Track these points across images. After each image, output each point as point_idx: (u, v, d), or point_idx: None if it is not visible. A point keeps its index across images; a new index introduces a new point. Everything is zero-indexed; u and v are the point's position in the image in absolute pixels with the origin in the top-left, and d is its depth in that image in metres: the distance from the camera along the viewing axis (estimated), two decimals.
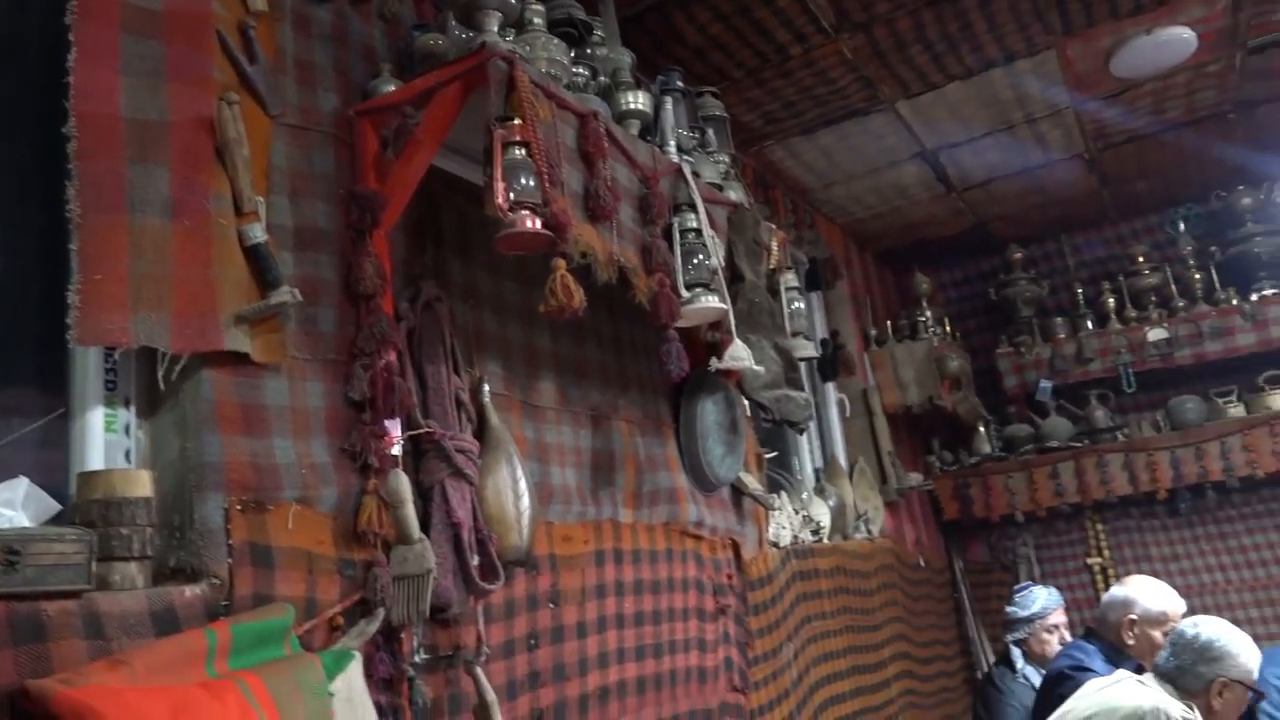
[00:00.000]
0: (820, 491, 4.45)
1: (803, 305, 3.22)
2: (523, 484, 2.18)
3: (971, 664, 5.60)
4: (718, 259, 2.58)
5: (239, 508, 1.63)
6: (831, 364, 4.81)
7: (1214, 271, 5.48)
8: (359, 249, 1.99)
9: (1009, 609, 3.85)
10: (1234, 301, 5.29)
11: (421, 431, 1.99)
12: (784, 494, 4.04)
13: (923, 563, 5.36)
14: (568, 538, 2.46)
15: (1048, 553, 5.85)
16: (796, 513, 4.04)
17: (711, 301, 2.47)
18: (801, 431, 3.19)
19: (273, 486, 1.70)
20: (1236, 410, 5.24)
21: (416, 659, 1.91)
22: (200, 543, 1.58)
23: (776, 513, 3.81)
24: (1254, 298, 5.25)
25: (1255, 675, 2.33)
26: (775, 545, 3.68)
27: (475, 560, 2.01)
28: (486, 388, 2.26)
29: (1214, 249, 5.52)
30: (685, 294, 2.45)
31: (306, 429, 1.81)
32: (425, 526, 1.95)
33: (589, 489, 2.62)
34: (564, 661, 2.35)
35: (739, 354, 2.51)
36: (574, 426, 2.62)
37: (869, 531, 4.72)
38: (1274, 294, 5.21)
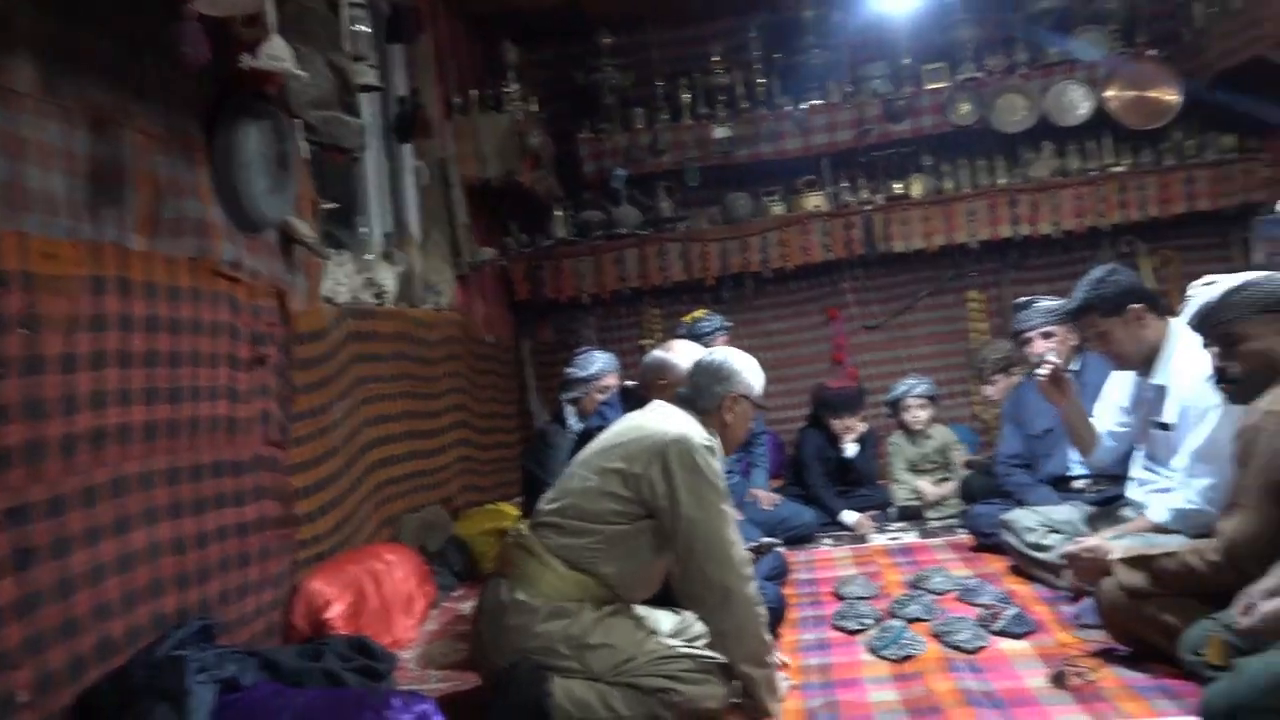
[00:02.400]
0: (388, 256, 4.23)
1: (369, 30, 2.87)
2: None
3: (530, 437, 5.86)
4: None
5: None
6: (410, 124, 4.48)
7: (776, 78, 5.88)
8: None
9: (568, 370, 3.99)
10: (788, 108, 5.74)
11: None
12: (345, 251, 3.77)
13: (490, 339, 5.41)
14: (51, 255, 2.03)
15: (609, 334, 6.18)
16: (358, 273, 3.81)
17: None
18: (355, 160, 2.93)
19: None
20: (778, 208, 5.79)
21: None
22: None
23: (335, 268, 3.54)
24: (803, 106, 5.73)
25: (758, 392, 2.61)
26: (330, 301, 3.44)
27: None
28: None
29: (778, 56, 5.89)
30: None
31: None
32: None
33: (85, 203, 2.17)
34: (43, 397, 1.98)
35: (277, 52, 2.16)
36: (65, 125, 2.13)
37: (437, 303, 4.62)
38: (819, 104, 5.72)
